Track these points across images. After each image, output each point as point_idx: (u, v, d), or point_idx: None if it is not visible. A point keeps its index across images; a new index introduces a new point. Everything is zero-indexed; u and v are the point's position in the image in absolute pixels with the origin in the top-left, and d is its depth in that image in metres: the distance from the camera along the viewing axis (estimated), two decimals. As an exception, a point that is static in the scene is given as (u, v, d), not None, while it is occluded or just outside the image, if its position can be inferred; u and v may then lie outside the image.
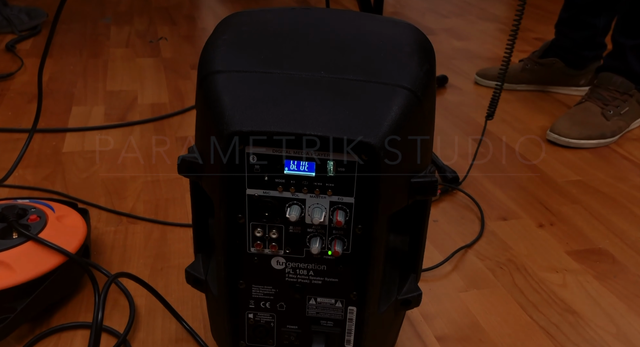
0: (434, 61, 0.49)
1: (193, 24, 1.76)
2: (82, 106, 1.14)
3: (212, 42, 0.47)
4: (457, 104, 1.27)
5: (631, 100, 1.07)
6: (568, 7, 1.23)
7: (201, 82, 0.46)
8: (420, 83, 0.45)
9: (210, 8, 1.95)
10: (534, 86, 1.33)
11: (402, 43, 0.48)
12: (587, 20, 1.19)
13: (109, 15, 1.77)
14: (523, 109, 1.24)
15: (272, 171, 0.43)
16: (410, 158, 0.45)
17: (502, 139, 1.10)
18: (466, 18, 1.97)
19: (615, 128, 1.06)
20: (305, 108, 0.42)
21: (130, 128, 1.07)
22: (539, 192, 0.92)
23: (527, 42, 1.72)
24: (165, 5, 1.93)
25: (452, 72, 1.46)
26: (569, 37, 1.24)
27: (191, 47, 1.54)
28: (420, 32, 0.51)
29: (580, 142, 1.04)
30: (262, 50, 0.46)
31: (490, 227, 0.82)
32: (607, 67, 1.10)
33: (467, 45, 1.68)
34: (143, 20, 1.75)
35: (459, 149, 1.05)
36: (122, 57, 1.43)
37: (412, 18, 1.95)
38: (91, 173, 0.91)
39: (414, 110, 0.44)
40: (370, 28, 0.50)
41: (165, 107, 1.17)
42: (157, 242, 0.76)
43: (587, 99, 1.10)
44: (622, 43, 1.05)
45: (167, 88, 1.26)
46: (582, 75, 1.28)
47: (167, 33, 1.64)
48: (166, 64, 1.41)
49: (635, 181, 0.95)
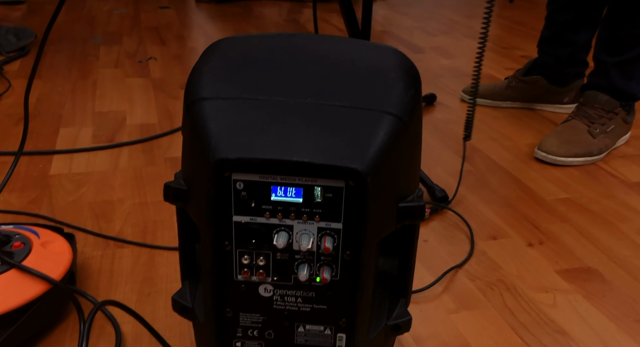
0: (419, 86, 0.49)
1: (183, 43, 1.76)
2: (70, 127, 1.14)
3: (198, 69, 0.48)
4: (445, 121, 1.28)
5: (617, 118, 1.09)
6: (549, 25, 1.25)
7: (187, 109, 0.46)
8: (406, 109, 0.45)
9: (200, 27, 1.96)
10: (519, 103, 1.35)
11: (387, 69, 0.48)
12: (568, 38, 1.22)
13: (98, 36, 1.77)
14: (510, 126, 1.25)
15: (259, 198, 0.43)
16: (398, 183, 0.45)
17: (490, 157, 1.10)
18: (453, 36, 2.00)
19: (602, 146, 1.08)
20: (292, 134, 0.42)
21: (118, 149, 1.06)
22: (527, 210, 0.92)
23: (513, 60, 1.74)
24: (155, 25, 1.94)
25: (440, 90, 1.47)
26: (551, 55, 1.26)
27: (181, 67, 1.54)
28: (405, 57, 0.51)
29: (568, 160, 1.05)
30: (248, 76, 0.46)
31: (480, 246, 0.83)
32: (592, 85, 1.11)
33: (454, 63, 1.70)
34: (132, 40, 1.76)
35: (448, 167, 1.06)
36: (111, 77, 1.43)
37: (401, 36, 1.98)
38: (78, 196, 0.90)
39: (401, 136, 0.44)
40: (356, 54, 0.50)
41: (154, 127, 1.16)
42: (144, 266, 0.75)
43: (574, 117, 1.11)
44: (604, 61, 1.07)
45: (157, 108, 1.26)
46: (566, 93, 1.30)
47: (156, 53, 1.64)
48: (155, 84, 1.41)
49: (622, 198, 0.95)
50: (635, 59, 1.04)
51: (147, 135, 1.12)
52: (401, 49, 1.87)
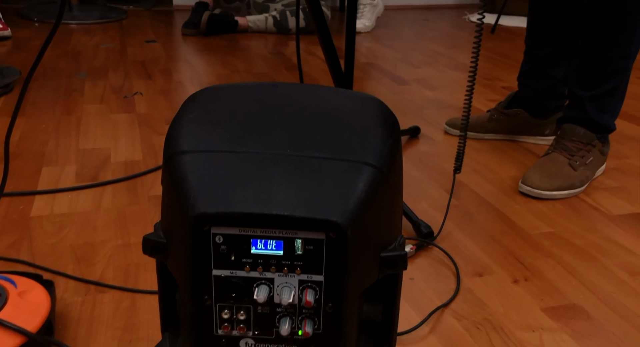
0: (398, 135, 0.50)
1: (169, 77, 1.77)
2: (53, 166, 1.13)
3: (178, 121, 0.48)
4: (429, 154, 1.29)
5: (594, 149, 1.11)
6: (528, 60, 1.28)
7: (167, 162, 0.45)
8: (385, 159, 0.46)
9: (186, 61, 1.98)
10: (502, 135, 1.37)
11: (366, 118, 0.49)
12: (547, 72, 1.25)
13: (83, 71, 1.78)
14: (494, 159, 1.27)
15: (238, 251, 0.43)
16: (379, 233, 0.45)
17: (475, 190, 1.11)
18: (437, 68, 2.04)
19: (582, 178, 1.09)
20: (271, 187, 0.43)
21: (102, 188, 1.05)
22: (512, 246, 0.92)
23: (495, 91, 1.78)
24: (141, 59, 1.95)
25: (424, 122, 1.49)
26: (531, 88, 1.29)
27: (166, 102, 1.55)
28: (383, 106, 0.52)
29: (552, 194, 1.07)
30: (228, 128, 0.46)
31: (466, 283, 0.82)
32: (568, 119, 1.14)
33: (438, 95, 1.73)
34: (118, 75, 1.76)
35: (433, 201, 1.06)
36: (96, 113, 1.43)
37: (385, 68, 2.01)
38: (60, 238, 0.88)
39: (380, 186, 0.44)
40: (335, 104, 0.51)
41: (139, 164, 1.16)
42: (126, 311, 0.73)
43: (554, 150, 1.13)
44: (579, 95, 1.10)
45: (141, 144, 1.26)
46: (547, 125, 1.32)
47: (142, 87, 1.65)
48: (141, 119, 1.41)
49: (605, 232, 0.96)
50: (608, 93, 1.07)
51: (131, 172, 1.12)
52: (385, 82, 1.90)
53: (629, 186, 1.13)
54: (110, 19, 2.51)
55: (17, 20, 2.41)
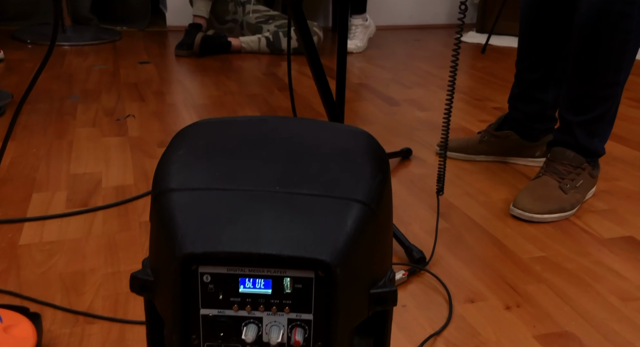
0: (387, 170, 0.50)
1: (162, 99, 1.78)
2: (44, 192, 1.12)
3: (167, 158, 0.48)
4: (421, 176, 1.30)
5: (584, 173, 1.12)
6: (518, 83, 1.30)
7: (155, 200, 0.45)
8: (373, 195, 0.46)
9: (179, 82, 1.99)
10: (493, 157, 1.38)
11: (355, 154, 0.49)
12: (537, 96, 1.26)
13: (76, 94, 1.78)
14: (485, 181, 1.27)
15: (226, 290, 0.43)
16: (368, 269, 0.45)
17: (466, 213, 1.12)
18: (428, 88, 2.06)
19: (573, 201, 1.10)
20: (259, 225, 0.42)
21: (92, 214, 1.05)
22: (504, 270, 0.92)
23: (486, 112, 1.79)
24: (134, 81, 1.96)
25: (415, 143, 1.50)
26: (521, 111, 1.30)
27: (159, 124, 1.55)
28: (372, 140, 0.52)
29: (543, 217, 1.07)
30: (217, 165, 0.47)
31: (458, 310, 0.82)
32: (558, 142, 1.15)
33: (429, 116, 1.75)
34: (111, 97, 1.77)
35: (425, 224, 1.07)
36: (87, 137, 1.43)
37: (377, 89, 2.03)
38: (48, 267, 0.87)
39: (369, 223, 0.44)
40: (324, 139, 0.51)
41: (130, 189, 1.15)
42: (114, 343, 0.72)
43: (544, 173, 1.14)
44: (569, 120, 1.11)
45: (133, 168, 1.25)
46: (537, 147, 1.33)
47: (135, 110, 1.65)
48: (133, 142, 1.41)
49: (596, 256, 0.97)
50: (597, 119, 1.09)
51: (122, 197, 1.11)
52: (377, 102, 1.91)
53: (619, 209, 1.14)
54: (103, 40, 2.52)
55: (10, 42, 2.42)
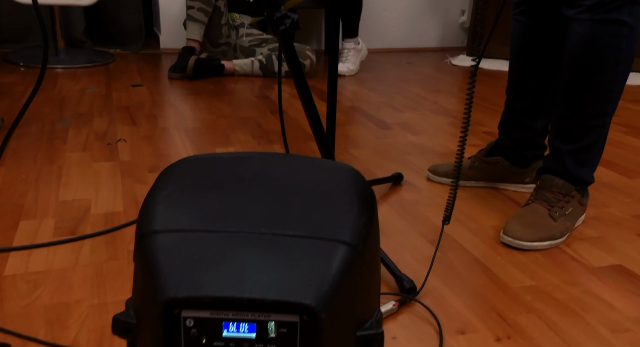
0: (374, 208, 0.50)
1: (154, 123, 1.78)
2: (31, 220, 1.11)
3: (152, 197, 0.48)
4: (412, 202, 1.30)
5: (573, 200, 1.12)
6: (508, 110, 1.31)
7: (139, 241, 0.45)
8: (359, 236, 0.46)
9: (172, 106, 1.99)
10: (484, 183, 1.39)
11: (342, 192, 0.49)
12: (526, 124, 1.28)
13: (67, 117, 1.78)
14: (476, 207, 1.28)
15: (210, 335, 0.42)
16: (354, 312, 0.45)
17: (457, 241, 1.11)
18: (420, 112, 2.08)
19: (563, 228, 1.10)
20: (244, 269, 0.42)
21: (80, 242, 1.03)
22: (495, 300, 0.92)
23: (477, 136, 1.81)
24: (126, 104, 1.96)
25: (407, 168, 1.50)
26: (510, 138, 1.31)
27: (150, 148, 1.55)
28: (359, 177, 0.52)
29: (533, 245, 1.07)
30: (202, 206, 0.46)
31: (449, 342, 0.81)
32: (547, 170, 1.16)
33: (421, 140, 1.76)
34: (103, 121, 1.77)
35: (416, 252, 1.06)
36: (78, 162, 1.42)
37: (369, 113, 2.04)
38: (33, 299, 0.86)
39: (355, 265, 0.44)
40: (311, 177, 0.51)
41: (119, 216, 1.15)
42: (98, 380, 0.70)
43: (534, 200, 1.14)
44: (558, 148, 1.12)
45: (123, 194, 1.25)
46: (526, 173, 1.34)
47: (126, 134, 1.65)
48: (123, 167, 1.40)
49: (586, 286, 0.96)
50: (587, 148, 1.10)
51: (111, 225, 1.10)
52: (369, 126, 1.93)
53: (608, 236, 1.14)
54: (96, 63, 2.54)
55: (2, 65, 2.42)
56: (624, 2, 0.98)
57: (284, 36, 0.81)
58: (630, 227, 1.19)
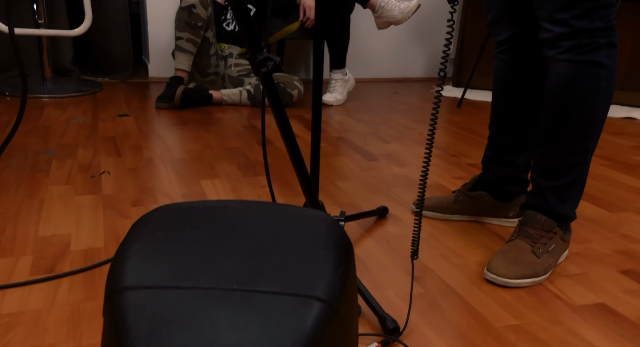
0: (351, 259, 0.50)
1: (139, 154, 1.77)
2: (8, 258, 1.08)
3: (123, 252, 0.47)
4: (397, 236, 1.29)
5: (556, 237, 1.13)
6: (492, 145, 1.33)
7: (108, 298, 0.44)
8: (334, 291, 0.45)
9: (158, 136, 1.99)
10: (468, 217, 1.39)
11: (318, 244, 0.49)
12: (509, 159, 1.29)
13: (51, 149, 1.77)
14: (460, 242, 1.28)
15: (179, 397, 0.41)
16: (328, 369, 0.44)
17: (441, 277, 1.11)
18: (405, 143, 2.09)
19: (546, 265, 1.10)
20: (215, 328, 0.41)
21: (57, 281, 1.01)
22: (478, 341, 0.91)
23: (461, 168, 1.82)
24: (112, 135, 1.96)
25: (392, 201, 1.51)
26: (494, 173, 1.32)
27: (134, 181, 1.53)
28: (337, 227, 0.52)
29: (517, 282, 1.07)
30: (174, 260, 0.46)
31: (432, 387, 0.80)
32: (530, 206, 1.16)
33: (406, 171, 1.77)
34: (87, 152, 1.76)
35: (400, 289, 1.05)
36: (60, 195, 1.40)
37: (355, 143, 2.05)
38: (4, 344, 0.83)
39: (330, 322, 0.44)
40: (286, 228, 0.51)
41: (100, 252, 1.13)
42: None
43: (517, 236, 1.15)
44: (540, 184, 1.13)
45: (104, 230, 1.23)
46: (510, 208, 1.35)
47: (111, 166, 1.64)
48: (106, 201, 1.39)
49: (569, 325, 0.96)
50: (569, 185, 1.11)
51: (91, 262, 1.08)
52: (355, 157, 1.93)
53: (591, 273, 1.14)
54: (84, 92, 2.54)
55: (-11, 93, 2.42)
56: (601, 45, 1.01)
57: (265, 77, 0.82)
58: (613, 263, 1.19)
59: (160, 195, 1.45)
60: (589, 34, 1.00)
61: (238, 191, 1.51)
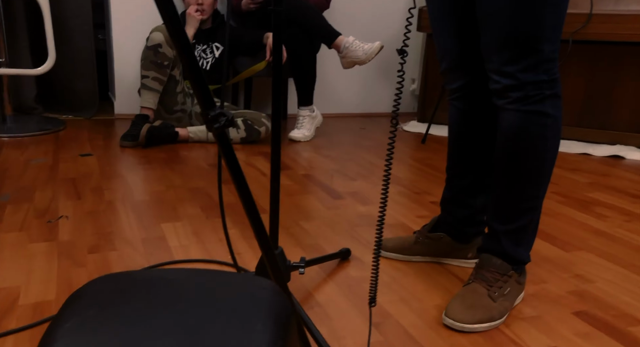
0: (288, 332, 0.49)
1: (100, 196, 1.74)
2: (-50, 314, 1.04)
3: (53, 332, 0.46)
4: (359, 280, 1.30)
5: (511, 280, 1.15)
6: (450, 188, 1.36)
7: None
8: (269, 367, 0.45)
9: (121, 177, 1.96)
10: (429, 258, 1.41)
11: (256, 317, 0.49)
12: (466, 201, 1.32)
13: (7, 193, 1.72)
14: (420, 284, 1.29)
15: None
16: None
17: (400, 323, 1.11)
18: (371, 180, 2.12)
19: (502, 309, 1.12)
20: None
21: (2, 340, 0.97)
22: (435, 392, 0.91)
23: (424, 206, 1.85)
24: (73, 176, 1.92)
25: (355, 242, 1.51)
26: (452, 215, 1.35)
27: (93, 226, 1.50)
28: (279, 296, 0.52)
29: (473, 327, 1.08)
30: (106, 343, 0.45)
31: None
32: (486, 249, 1.19)
33: (370, 210, 1.78)
34: (45, 195, 1.72)
35: (360, 338, 1.05)
36: (12, 243, 1.36)
37: (322, 181, 2.07)
38: None
39: (263, 401, 0.43)
40: (225, 300, 0.50)
41: (50, 306, 1.09)
42: None
43: (474, 279, 1.16)
44: (495, 228, 1.16)
45: (57, 281, 1.19)
46: (469, 249, 1.37)
47: (69, 210, 1.61)
48: (61, 248, 1.35)
49: (524, 372, 0.97)
50: (521, 229, 1.14)
51: (40, 317, 1.05)
52: (321, 195, 1.95)
53: (546, 315, 1.17)
54: (46, 131, 2.50)
55: (-55, 132, 2.35)
56: (546, 96, 1.06)
57: (218, 133, 0.82)
58: (566, 304, 1.22)
59: (119, 240, 1.42)
60: (535, 86, 1.05)
61: (200, 235, 1.49)
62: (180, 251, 1.39)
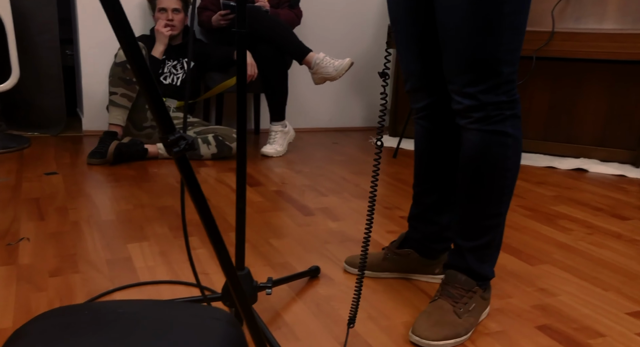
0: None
1: (64, 217, 1.70)
2: None
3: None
4: (326, 298, 1.29)
5: (476, 296, 1.17)
6: (416, 205, 1.37)
7: None
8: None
9: (86, 196, 1.92)
10: (397, 274, 1.41)
11: (205, 349, 0.48)
12: (433, 218, 1.34)
13: (-34, 214, 1.67)
14: (388, 301, 1.29)
15: None
16: None
17: (368, 342, 1.11)
18: (342, 196, 2.13)
19: (467, 325, 1.13)
20: None
21: (-46, 372, 0.93)
22: None
23: (394, 221, 1.86)
24: (36, 196, 1.87)
25: (325, 259, 1.51)
26: (419, 231, 1.36)
27: (56, 248, 1.46)
28: (232, 329, 0.52)
29: (439, 344, 1.09)
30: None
31: None
32: (451, 265, 1.20)
33: (341, 226, 1.78)
34: (6, 217, 1.67)
35: (326, 359, 1.04)
36: (-31, 268, 1.31)
37: (293, 197, 2.06)
38: None
39: None
40: (179, 334, 0.50)
41: (6, 333, 1.05)
42: None
43: (440, 296, 1.17)
44: (460, 245, 1.18)
45: (15, 306, 1.15)
46: (436, 265, 1.39)
47: (31, 231, 1.56)
48: (21, 272, 1.31)
49: (488, 389, 0.98)
50: (486, 245, 1.16)
51: (-4, 345, 1.01)
52: (292, 212, 1.94)
53: (510, 330, 1.18)
54: (10, 149, 2.43)
55: None
56: (506, 116, 1.09)
57: (178, 158, 0.82)
58: (530, 319, 1.24)
59: (83, 262, 1.39)
60: (495, 106, 1.08)
61: (167, 255, 1.47)
62: (147, 272, 1.36)
